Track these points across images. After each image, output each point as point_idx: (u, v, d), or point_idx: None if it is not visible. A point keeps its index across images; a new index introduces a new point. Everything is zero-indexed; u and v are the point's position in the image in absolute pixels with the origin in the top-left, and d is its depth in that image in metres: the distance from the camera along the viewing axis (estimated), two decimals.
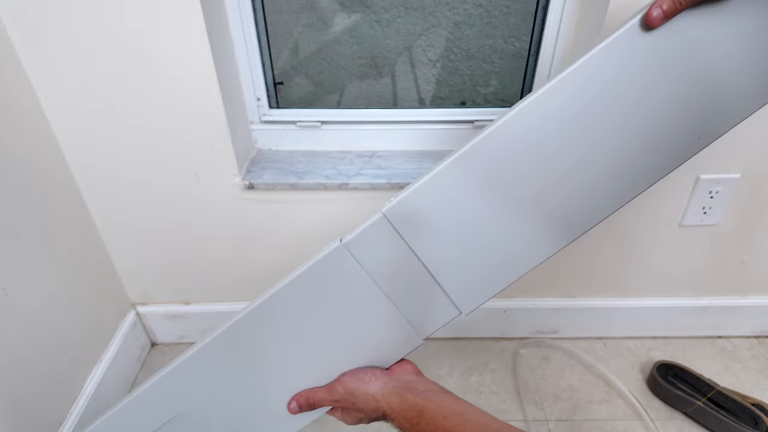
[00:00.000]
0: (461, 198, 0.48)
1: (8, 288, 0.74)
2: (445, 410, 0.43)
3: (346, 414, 0.51)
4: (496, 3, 0.87)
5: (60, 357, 0.87)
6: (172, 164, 0.87)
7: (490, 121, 0.47)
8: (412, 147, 1.01)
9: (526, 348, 1.18)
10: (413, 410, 0.43)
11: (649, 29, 0.43)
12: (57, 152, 0.84)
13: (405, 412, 0.44)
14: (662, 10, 0.40)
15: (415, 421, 0.43)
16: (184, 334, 1.17)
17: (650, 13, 0.41)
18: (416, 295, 0.51)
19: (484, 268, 0.52)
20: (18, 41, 0.73)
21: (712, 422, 0.96)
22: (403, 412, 0.44)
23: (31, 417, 0.80)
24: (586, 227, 0.49)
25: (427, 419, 0.42)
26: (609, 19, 0.75)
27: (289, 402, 0.52)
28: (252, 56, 0.90)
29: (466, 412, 0.42)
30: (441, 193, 0.48)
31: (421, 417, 0.42)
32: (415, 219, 0.48)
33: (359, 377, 0.48)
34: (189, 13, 0.72)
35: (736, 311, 1.15)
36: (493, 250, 0.51)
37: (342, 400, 0.49)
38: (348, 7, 0.88)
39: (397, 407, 0.45)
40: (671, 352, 1.16)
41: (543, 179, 0.47)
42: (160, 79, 0.78)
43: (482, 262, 0.51)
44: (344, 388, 0.48)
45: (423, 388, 0.46)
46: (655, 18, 0.41)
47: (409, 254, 0.49)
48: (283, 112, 0.98)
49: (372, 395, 0.46)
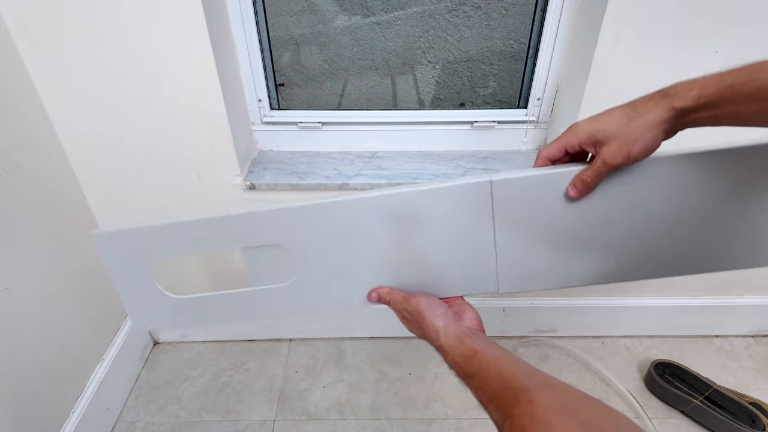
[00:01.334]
0: (556, 206, 0.51)
1: (11, 287, 0.75)
2: (497, 353, 0.46)
3: (409, 324, 0.56)
4: (494, 5, 0.88)
5: (62, 356, 0.88)
6: (174, 165, 0.88)
7: None
8: (412, 148, 1.01)
9: (524, 347, 1.18)
10: (468, 351, 0.47)
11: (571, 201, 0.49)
12: (59, 153, 0.85)
13: (460, 350, 0.48)
14: (576, 189, 0.48)
15: (469, 358, 0.46)
16: (186, 333, 1.18)
17: (567, 192, 0.48)
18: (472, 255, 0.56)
19: (538, 267, 0.56)
20: (21, 43, 0.74)
21: (710, 421, 0.97)
22: (458, 350, 0.48)
23: (34, 415, 0.80)
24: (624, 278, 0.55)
25: (479, 358, 0.46)
26: (607, 21, 0.75)
27: (370, 291, 0.57)
28: (253, 58, 0.91)
29: (516, 359, 0.46)
30: (543, 190, 0.51)
31: (474, 356, 0.46)
32: (513, 199, 0.52)
33: (433, 307, 0.53)
34: (191, 15, 0.72)
35: (733, 310, 1.16)
36: (555, 257, 0.55)
37: (410, 314, 0.54)
38: (348, 9, 0.89)
39: (453, 346, 0.49)
40: (669, 351, 1.16)
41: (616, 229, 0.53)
42: (163, 81, 0.78)
43: (540, 262, 0.55)
44: (417, 307, 0.53)
45: (481, 338, 0.50)
46: (572, 196, 0.48)
47: (488, 223, 0.54)
48: (284, 114, 0.98)
49: (435, 328, 0.51)
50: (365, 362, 1.14)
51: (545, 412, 0.34)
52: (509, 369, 0.42)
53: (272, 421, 1.01)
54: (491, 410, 0.41)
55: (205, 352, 1.17)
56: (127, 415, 1.02)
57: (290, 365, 1.14)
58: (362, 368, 1.13)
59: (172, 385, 1.09)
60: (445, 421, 1.01)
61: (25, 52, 0.75)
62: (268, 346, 1.19)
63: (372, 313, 1.16)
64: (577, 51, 0.86)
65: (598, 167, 0.46)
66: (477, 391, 0.44)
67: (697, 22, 0.76)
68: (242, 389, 1.08)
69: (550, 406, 0.35)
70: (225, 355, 1.16)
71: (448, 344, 0.49)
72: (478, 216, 0.54)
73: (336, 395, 1.06)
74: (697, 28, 0.76)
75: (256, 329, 1.19)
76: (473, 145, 1.02)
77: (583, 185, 0.47)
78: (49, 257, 0.84)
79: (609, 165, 0.45)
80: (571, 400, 0.36)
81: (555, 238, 0.54)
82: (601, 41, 0.77)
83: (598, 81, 0.81)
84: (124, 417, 1.02)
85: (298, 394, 1.07)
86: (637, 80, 0.81)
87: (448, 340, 0.49)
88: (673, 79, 0.45)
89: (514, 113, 0.99)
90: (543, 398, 0.36)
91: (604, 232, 0.53)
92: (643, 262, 0.54)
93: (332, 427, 1.00)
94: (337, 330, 1.20)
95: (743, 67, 0.40)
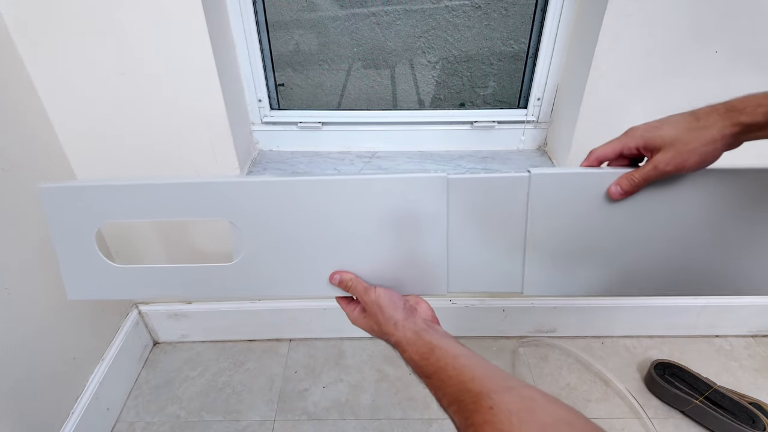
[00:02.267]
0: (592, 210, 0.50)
1: (11, 287, 0.75)
2: (455, 350, 0.45)
3: (364, 316, 0.55)
4: (494, 5, 0.88)
5: (62, 356, 0.88)
6: (175, 164, 0.88)
7: None
8: (412, 148, 1.01)
9: (524, 347, 1.18)
10: (426, 346, 0.46)
11: (612, 201, 0.48)
12: (59, 153, 0.85)
13: (418, 346, 0.47)
14: (621, 189, 0.47)
15: (426, 356, 0.46)
16: (186, 333, 1.18)
17: (609, 190, 0.47)
18: (494, 255, 0.54)
19: (565, 271, 0.54)
20: (21, 43, 0.74)
21: (710, 421, 0.97)
22: (415, 347, 0.47)
23: (34, 415, 0.80)
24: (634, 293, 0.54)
25: (437, 355, 0.45)
26: (607, 21, 0.75)
27: (333, 273, 0.56)
28: (253, 58, 0.91)
29: (473, 355, 0.45)
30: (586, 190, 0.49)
31: (432, 353, 0.45)
32: (551, 196, 0.50)
33: (393, 299, 0.52)
34: (191, 15, 0.72)
35: (733, 310, 1.16)
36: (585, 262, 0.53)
37: (368, 305, 0.53)
38: (348, 9, 0.89)
39: (411, 341, 0.48)
40: (669, 351, 1.16)
41: None
42: (162, 81, 0.78)
43: (567, 267, 0.54)
44: (377, 298, 0.52)
45: (438, 332, 0.49)
46: (614, 194, 0.47)
47: (522, 215, 0.52)
48: (284, 114, 0.98)
49: (394, 321, 0.50)
50: (365, 362, 1.14)
51: (508, 420, 0.33)
52: (468, 369, 0.41)
53: (272, 421, 1.01)
54: (452, 414, 0.39)
55: (205, 352, 1.17)
56: (127, 415, 1.02)
57: (290, 365, 1.14)
58: (362, 368, 1.13)
59: (171, 385, 1.09)
60: (445, 421, 1.01)
61: (25, 52, 0.75)
62: (268, 346, 1.19)
63: None
64: (577, 51, 0.86)
65: (647, 171, 0.45)
66: (437, 392, 0.43)
67: (697, 22, 0.76)
68: (242, 389, 1.08)
69: (513, 412, 0.34)
70: (225, 355, 1.16)
71: (406, 338, 0.48)
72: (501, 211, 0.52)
73: (336, 395, 1.06)
74: (698, 27, 0.76)
75: (256, 329, 1.19)
76: (473, 145, 1.02)
77: (630, 185, 0.46)
78: (49, 257, 0.83)
79: (660, 171, 0.44)
80: (534, 403, 0.35)
81: (586, 244, 0.52)
82: (601, 41, 0.77)
83: (598, 81, 0.81)
84: (124, 417, 1.02)
85: (297, 394, 1.07)
86: (637, 80, 0.81)
87: (405, 334, 0.48)
88: (673, 78, 0.45)
89: (514, 113, 0.99)
90: (504, 404, 0.35)
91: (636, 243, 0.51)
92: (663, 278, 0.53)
93: (332, 427, 1.00)
94: (337, 330, 1.20)
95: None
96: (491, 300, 1.14)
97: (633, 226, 0.50)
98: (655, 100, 0.81)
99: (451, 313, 1.15)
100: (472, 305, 1.14)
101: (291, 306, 1.14)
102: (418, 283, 0.57)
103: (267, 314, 1.15)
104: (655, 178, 0.45)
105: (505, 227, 0.53)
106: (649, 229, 0.50)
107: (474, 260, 0.55)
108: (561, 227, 0.52)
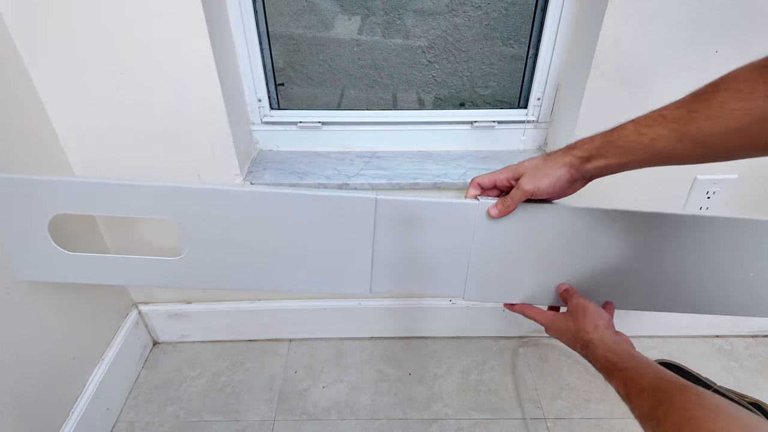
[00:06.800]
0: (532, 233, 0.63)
1: (10, 287, 0.75)
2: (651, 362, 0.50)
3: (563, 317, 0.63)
4: (494, 5, 0.88)
5: (62, 356, 0.88)
6: (174, 164, 0.88)
7: None
8: (411, 148, 1.01)
9: (524, 347, 1.18)
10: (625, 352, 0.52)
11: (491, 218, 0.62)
12: (59, 152, 0.85)
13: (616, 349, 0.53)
14: (498, 210, 0.61)
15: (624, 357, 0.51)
16: (186, 333, 1.18)
17: (489, 212, 0.61)
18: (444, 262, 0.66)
19: (501, 281, 0.67)
20: (21, 43, 0.74)
21: None
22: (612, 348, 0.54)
23: (34, 415, 0.80)
24: None
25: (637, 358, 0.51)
26: (607, 21, 0.75)
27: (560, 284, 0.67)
28: (253, 58, 0.91)
29: None
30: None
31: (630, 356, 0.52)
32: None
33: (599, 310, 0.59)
34: (191, 14, 0.72)
35: None
36: (516, 274, 0.66)
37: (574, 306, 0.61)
38: (348, 9, 0.89)
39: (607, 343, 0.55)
40: (669, 351, 1.17)
41: None
42: (162, 80, 0.78)
43: (504, 278, 0.67)
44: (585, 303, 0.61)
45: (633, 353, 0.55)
46: (494, 215, 0.61)
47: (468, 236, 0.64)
48: (284, 113, 0.98)
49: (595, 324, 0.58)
50: (365, 362, 1.14)
51: (714, 402, 0.37)
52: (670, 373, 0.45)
53: (272, 422, 1.01)
54: (641, 399, 0.43)
55: (205, 352, 1.17)
56: (127, 415, 1.02)
57: (290, 365, 1.14)
58: (362, 368, 1.13)
59: (171, 385, 1.09)
60: (445, 421, 1.01)
61: (25, 52, 0.75)
62: (267, 346, 1.19)
63: (372, 313, 1.16)
64: (577, 51, 0.86)
65: (513, 191, 0.59)
66: (627, 383, 0.47)
67: (697, 22, 0.76)
68: (242, 389, 1.08)
69: (721, 403, 0.37)
70: (225, 355, 1.16)
71: (602, 340, 0.55)
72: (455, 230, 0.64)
73: (336, 395, 1.06)
74: (698, 27, 0.76)
75: (256, 329, 1.19)
76: (473, 145, 1.02)
77: (503, 206, 0.60)
78: None
79: (522, 190, 0.57)
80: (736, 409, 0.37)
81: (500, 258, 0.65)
82: (601, 41, 0.77)
83: (598, 81, 0.81)
84: (124, 417, 1.02)
85: (297, 395, 1.07)
86: (637, 80, 0.81)
87: (603, 337, 0.55)
88: (673, 78, 0.46)
89: (514, 113, 0.99)
90: (712, 397, 0.38)
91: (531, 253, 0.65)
92: None
93: (332, 427, 1.00)
94: (337, 330, 1.20)
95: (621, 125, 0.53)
96: None
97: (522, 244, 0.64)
98: (656, 100, 0.81)
99: (451, 313, 1.15)
100: (473, 305, 1.14)
101: (291, 306, 1.14)
102: (339, 282, 0.67)
103: (267, 314, 1.15)
104: (521, 196, 0.58)
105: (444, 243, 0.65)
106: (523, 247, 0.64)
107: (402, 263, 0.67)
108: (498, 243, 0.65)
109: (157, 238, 0.99)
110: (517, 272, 0.66)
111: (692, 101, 0.47)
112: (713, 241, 0.63)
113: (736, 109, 0.43)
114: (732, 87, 0.44)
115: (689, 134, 0.47)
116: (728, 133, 0.44)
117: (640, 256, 0.64)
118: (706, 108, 0.46)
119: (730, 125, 0.44)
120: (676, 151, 0.48)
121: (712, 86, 0.46)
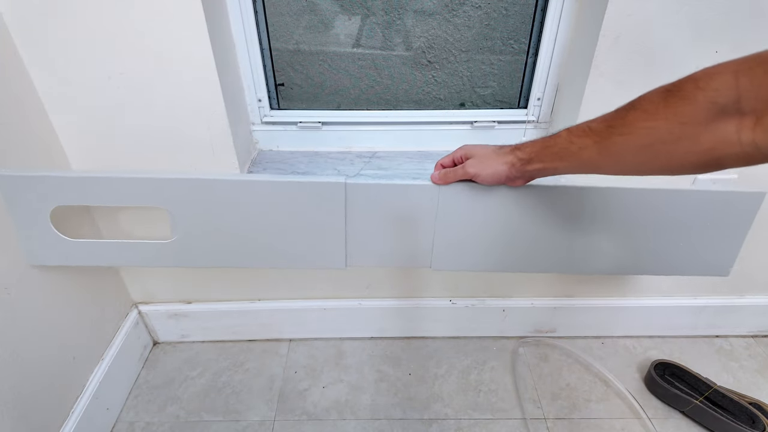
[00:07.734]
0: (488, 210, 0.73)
1: (10, 287, 0.75)
2: None
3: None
4: (494, 5, 0.88)
5: (62, 356, 0.88)
6: (174, 164, 0.88)
7: None
8: (411, 148, 1.01)
9: (524, 347, 1.18)
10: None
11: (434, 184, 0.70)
12: (59, 152, 0.85)
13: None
14: (439, 177, 0.68)
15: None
16: (186, 333, 1.18)
17: (432, 177, 0.69)
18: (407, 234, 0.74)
19: (465, 252, 0.77)
20: (21, 42, 0.74)
21: (710, 421, 0.97)
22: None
23: (34, 415, 0.80)
24: None
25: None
26: (607, 21, 0.75)
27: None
28: (253, 58, 0.91)
29: None
30: None
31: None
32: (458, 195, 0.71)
33: None
34: (191, 14, 0.72)
35: (734, 311, 1.16)
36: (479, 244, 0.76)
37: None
38: (348, 9, 0.89)
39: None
40: (669, 351, 1.17)
41: None
42: (162, 80, 0.78)
43: (467, 249, 0.77)
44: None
45: None
46: (434, 180, 0.69)
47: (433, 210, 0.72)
48: (284, 113, 0.98)
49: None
50: (365, 362, 1.14)
51: None
52: None
53: (272, 422, 1.01)
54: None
55: (205, 352, 1.17)
56: (127, 415, 1.02)
57: (290, 365, 1.14)
58: (362, 368, 1.13)
59: (171, 385, 1.09)
60: (445, 421, 1.01)
61: (25, 52, 0.75)
62: (267, 346, 1.19)
63: (372, 313, 1.16)
64: (577, 51, 0.86)
65: (458, 168, 0.66)
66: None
67: (697, 22, 0.76)
68: (242, 389, 1.08)
69: None
70: (225, 355, 1.16)
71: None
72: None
73: (336, 395, 1.06)
74: (698, 27, 0.76)
75: (256, 329, 1.19)
76: None
77: (444, 175, 0.68)
78: None
79: (464, 171, 0.65)
80: None
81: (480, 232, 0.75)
82: (601, 41, 0.77)
83: (598, 81, 0.81)
84: (124, 417, 1.02)
85: (297, 395, 1.07)
86: (637, 80, 0.81)
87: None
88: (673, 78, 0.46)
89: (514, 113, 0.99)
90: None
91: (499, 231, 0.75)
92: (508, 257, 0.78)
93: (332, 427, 1.00)
94: (337, 330, 1.20)
95: (558, 132, 0.56)
96: (491, 300, 1.14)
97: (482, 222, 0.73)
98: None
99: (450, 313, 1.15)
100: (472, 305, 1.14)
101: (291, 306, 1.14)
102: (317, 258, 0.76)
103: (267, 314, 1.15)
104: (462, 174, 0.65)
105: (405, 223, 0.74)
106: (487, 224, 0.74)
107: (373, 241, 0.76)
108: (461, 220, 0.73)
109: (145, 224, 0.99)
110: (480, 244, 0.76)
111: (613, 117, 0.51)
112: None
113: (642, 127, 0.47)
114: (641, 107, 0.48)
115: (607, 148, 0.51)
116: (636, 150, 0.48)
117: (572, 226, 0.75)
118: (621, 125, 0.49)
119: (638, 142, 0.48)
120: (599, 162, 0.52)
121: (629, 104, 0.50)
